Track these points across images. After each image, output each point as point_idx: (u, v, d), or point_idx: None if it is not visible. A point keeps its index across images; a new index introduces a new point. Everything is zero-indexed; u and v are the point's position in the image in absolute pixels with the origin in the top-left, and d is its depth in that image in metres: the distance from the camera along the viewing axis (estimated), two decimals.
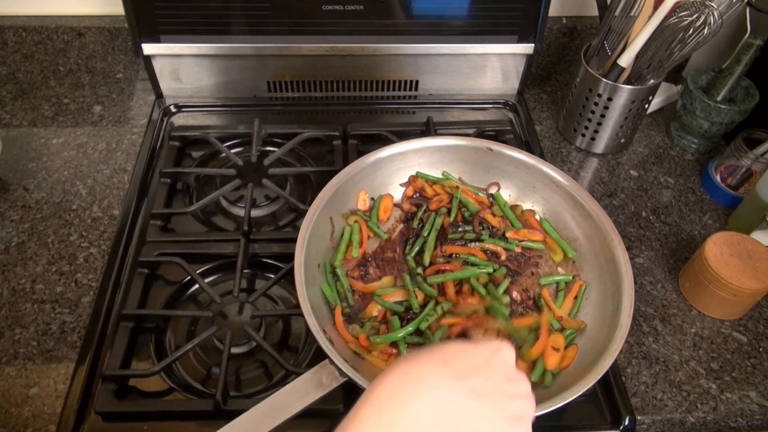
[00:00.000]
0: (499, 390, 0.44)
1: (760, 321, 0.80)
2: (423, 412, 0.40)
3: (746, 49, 0.91)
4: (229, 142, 1.00)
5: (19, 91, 1.08)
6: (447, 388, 0.41)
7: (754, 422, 0.73)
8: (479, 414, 0.42)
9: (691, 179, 0.99)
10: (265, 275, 0.83)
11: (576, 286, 0.77)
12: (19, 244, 0.84)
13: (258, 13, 0.95)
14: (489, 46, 1.03)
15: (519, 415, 0.45)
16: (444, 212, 0.84)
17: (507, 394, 0.45)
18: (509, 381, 0.46)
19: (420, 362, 0.43)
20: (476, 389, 0.42)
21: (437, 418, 0.40)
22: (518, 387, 0.47)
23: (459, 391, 0.41)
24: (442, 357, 0.44)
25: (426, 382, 0.41)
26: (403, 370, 0.42)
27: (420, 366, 0.42)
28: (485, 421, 0.42)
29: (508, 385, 0.45)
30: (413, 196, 0.86)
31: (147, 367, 0.72)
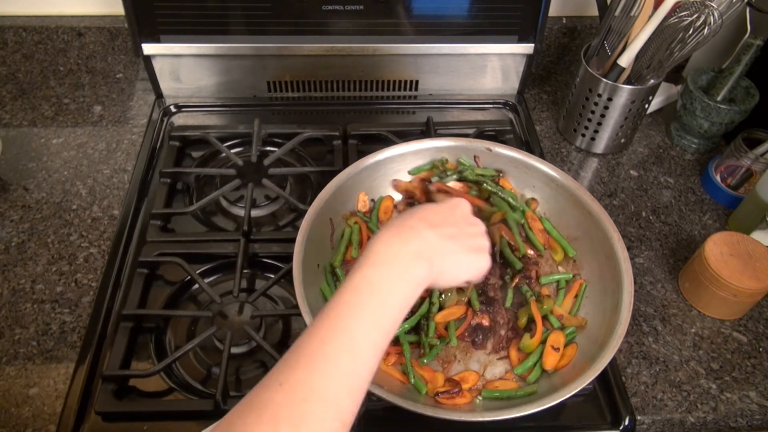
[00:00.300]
0: (463, 231, 0.62)
1: (760, 321, 0.80)
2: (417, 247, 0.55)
3: (746, 49, 0.91)
4: (229, 142, 1.00)
5: (19, 91, 1.08)
6: (429, 234, 0.57)
7: (754, 422, 0.73)
8: (452, 248, 0.59)
9: (691, 179, 0.99)
10: (265, 275, 0.83)
11: (576, 285, 0.77)
12: (19, 244, 0.84)
13: (258, 13, 0.95)
14: (489, 46, 1.03)
15: (479, 246, 0.63)
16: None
17: (468, 234, 0.62)
18: (469, 224, 0.64)
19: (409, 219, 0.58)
20: (448, 233, 0.59)
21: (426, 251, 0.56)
22: (476, 228, 0.65)
23: (437, 236, 0.58)
24: (422, 215, 0.59)
25: (415, 230, 0.57)
26: (399, 223, 0.57)
27: (409, 220, 0.58)
28: (456, 252, 0.59)
29: (469, 227, 0.63)
30: (406, 201, 0.86)
31: (147, 367, 0.72)
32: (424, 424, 0.63)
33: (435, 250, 0.57)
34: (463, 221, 0.64)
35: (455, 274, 0.60)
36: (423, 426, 0.67)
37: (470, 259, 0.61)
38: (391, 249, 0.54)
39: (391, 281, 0.52)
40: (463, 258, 0.60)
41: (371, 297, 0.50)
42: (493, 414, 0.61)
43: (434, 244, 0.57)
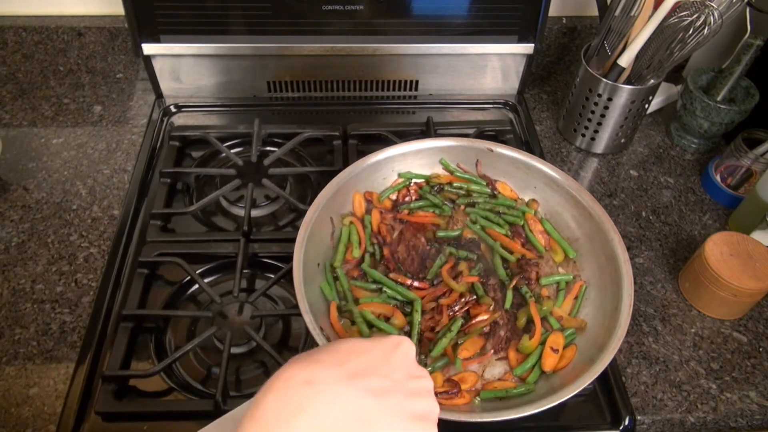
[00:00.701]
0: (400, 387, 0.41)
1: (760, 321, 0.80)
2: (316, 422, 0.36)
3: (746, 49, 0.91)
4: (229, 142, 1.00)
5: (19, 91, 1.08)
6: (341, 390, 0.38)
7: (754, 422, 0.73)
8: (380, 413, 0.39)
9: (691, 179, 0.99)
10: (265, 275, 0.83)
11: (576, 286, 0.77)
12: (19, 244, 0.84)
13: (258, 13, 0.95)
14: (489, 46, 1.03)
15: (423, 413, 0.42)
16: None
17: (409, 392, 0.42)
18: (410, 378, 0.43)
19: (308, 365, 0.39)
20: (374, 388, 0.40)
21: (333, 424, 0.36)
22: (420, 383, 0.44)
23: (355, 391, 0.38)
24: (334, 357, 0.40)
25: (316, 386, 0.37)
26: (288, 376, 0.38)
27: (308, 369, 0.39)
28: (386, 421, 0.39)
29: (410, 382, 0.43)
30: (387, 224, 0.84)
31: (147, 367, 0.72)
32: None
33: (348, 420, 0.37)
34: (402, 369, 0.43)
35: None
36: None
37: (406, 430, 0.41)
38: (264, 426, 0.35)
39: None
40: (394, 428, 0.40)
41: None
42: (492, 415, 0.61)
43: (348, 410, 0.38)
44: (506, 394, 0.67)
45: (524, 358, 0.71)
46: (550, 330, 0.73)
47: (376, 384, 0.40)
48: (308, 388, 0.37)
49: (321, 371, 0.38)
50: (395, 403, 0.40)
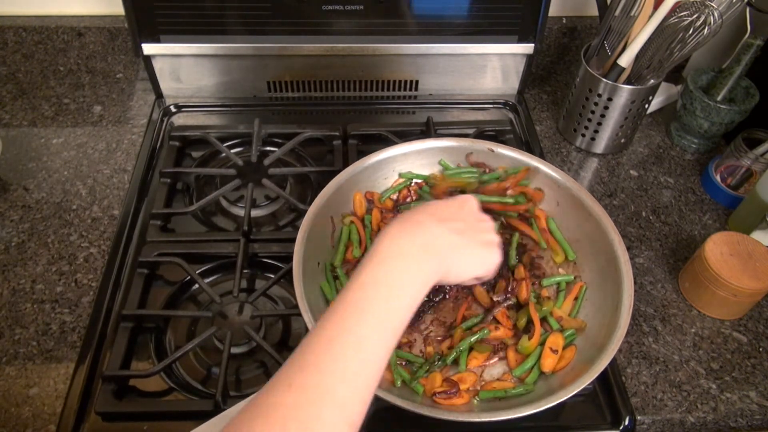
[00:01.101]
0: (471, 226, 0.61)
1: (760, 321, 0.80)
2: (425, 241, 0.54)
3: (746, 49, 0.91)
4: (229, 142, 1.00)
5: (19, 91, 1.08)
6: (438, 228, 0.56)
7: (754, 422, 0.73)
8: (461, 242, 0.58)
9: (691, 179, 0.99)
10: (265, 275, 0.83)
11: (576, 287, 0.77)
12: (19, 244, 0.84)
13: (258, 13, 0.95)
14: (489, 46, 1.03)
15: (488, 241, 0.62)
16: None
17: (477, 229, 0.62)
18: (478, 220, 0.63)
19: (416, 214, 0.57)
20: (456, 228, 0.58)
21: (435, 245, 0.55)
22: (485, 224, 0.64)
23: (446, 230, 0.57)
24: (429, 210, 0.59)
25: (423, 224, 0.56)
26: (406, 218, 0.56)
27: (417, 215, 0.57)
28: (466, 247, 0.59)
29: (477, 223, 0.63)
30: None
31: (147, 367, 0.72)
32: (422, 424, 0.63)
33: (444, 245, 0.56)
34: (472, 217, 0.63)
35: (465, 270, 0.59)
36: (420, 426, 0.67)
37: (480, 254, 0.61)
38: (398, 244, 0.53)
39: (398, 278, 0.50)
40: (473, 253, 0.59)
41: (378, 295, 0.49)
42: (492, 414, 0.61)
43: (443, 238, 0.56)
44: (505, 395, 0.67)
45: (523, 359, 0.71)
46: (550, 331, 0.73)
47: (458, 226, 0.59)
48: (420, 225, 0.56)
49: (425, 217, 0.57)
50: (471, 236, 0.60)
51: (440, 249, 0.55)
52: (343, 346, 0.45)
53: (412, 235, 0.54)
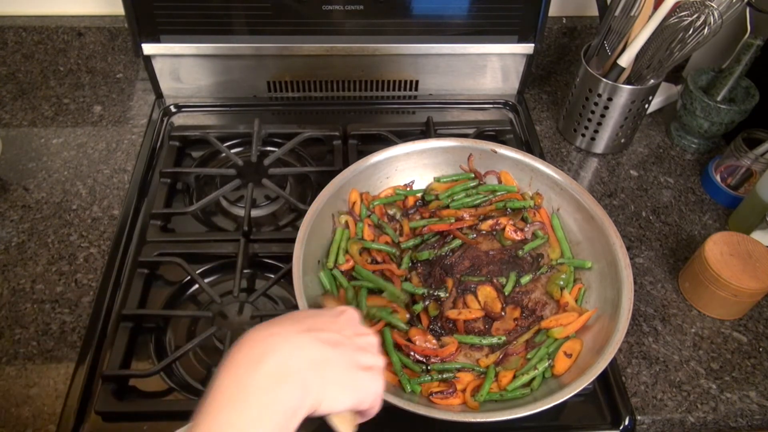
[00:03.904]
0: (349, 342, 0.48)
1: (760, 321, 0.80)
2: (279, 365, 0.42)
3: (746, 49, 0.91)
4: (229, 142, 1.00)
5: (19, 91, 1.08)
6: (301, 339, 0.44)
7: (754, 422, 0.73)
8: (335, 360, 0.45)
9: (691, 179, 0.99)
10: (265, 275, 0.83)
11: (575, 289, 0.77)
12: (19, 244, 0.84)
13: (258, 13, 0.95)
14: (489, 46, 1.03)
15: (371, 365, 0.49)
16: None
17: (357, 346, 0.49)
18: (357, 335, 0.50)
19: (270, 325, 0.46)
20: (329, 339, 0.46)
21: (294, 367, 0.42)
22: (367, 339, 0.51)
23: (312, 341, 0.45)
24: (291, 319, 0.47)
25: (279, 336, 0.44)
26: (254, 332, 0.44)
27: (271, 327, 0.45)
28: (340, 368, 0.45)
29: (358, 339, 0.49)
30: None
31: (147, 367, 0.72)
32: (421, 424, 0.63)
33: (306, 362, 0.43)
34: (350, 329, 0.50)
35: (341, 396, 0.45)
36: (418, 427, 0.67)
37: (356, 378, 0.47)
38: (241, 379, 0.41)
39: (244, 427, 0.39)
40: (350, 374, 0.46)
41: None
42: (492, 415, 0.61)
43: (306, 353, 0.44)
44: (501, 397, 0.66)
45: (513, 376, 0.69)
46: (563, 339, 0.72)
47: (330, 337, 0.47)
48: (273, 338, 0.44)
49: (283, 327, 0.45)
50: (347, 354, 0.47)
51: (300, 370, 0.43)
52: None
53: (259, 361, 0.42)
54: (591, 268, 0.78)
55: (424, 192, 0.87)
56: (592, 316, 0.73)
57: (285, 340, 0.44)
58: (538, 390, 0.67)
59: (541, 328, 0.73)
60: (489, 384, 0.67)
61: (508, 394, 0.66)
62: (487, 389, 0.66)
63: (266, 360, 0.42)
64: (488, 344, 0.72)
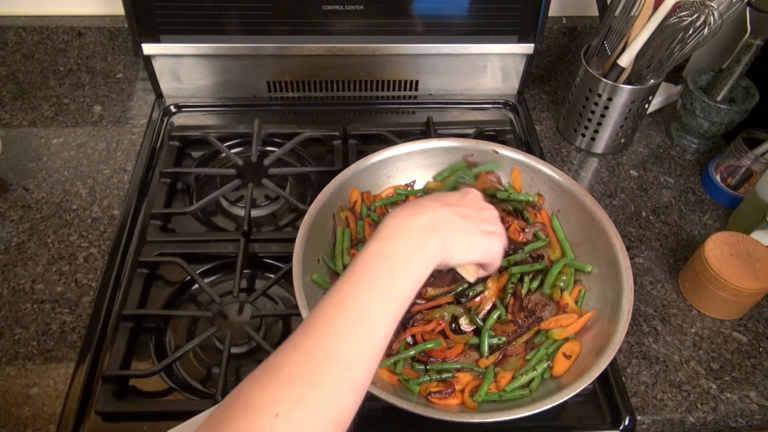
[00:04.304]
0: (476, 214, 0.61)
1: (760, 321, 0.80)
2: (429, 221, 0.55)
3: (746, 49, 0.90)
4: (229, 142, 1.00)
5: (19, 91, 1.08)
6: (442, 210, 0.58)
7: (754, 422, 0.73)
8: (465, 225, 0.59)
9: (691, 179, 0.99)
10: (265, 275, 0.83)
11: (575, 291, 0.77)
12: (19, 244, 0.84)
13: (258, 13, 0.95)
14: (489, 46, 1.03)
15: (492, 231, 0.62)
16: None
17: (481, 217, 0.62)
18: (480, 208, 0.63)
19: (420, 200, 0.59)
20: (461, 212, 0.59)
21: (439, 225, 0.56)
22: (489, 213, 0.64)
23: (450, 212, 0.58)
24: (434, 196, 0.61)
25: (427, 206, 0.57)
26: (410, 203, 0.58)
27: (421, 201, 0.59)
28: (470, 230, 0.59)
29: (481, 211, 0.63)
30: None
31: (147, 367, 0.72)
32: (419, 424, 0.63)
33: (448, 225, 0.57)
34: (475, 204, 0.63)
35: (467, 253, 0.60)
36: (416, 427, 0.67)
37: (483, 240, 0.61)
38: (403, 223, 0.54)
39: (402, 253, 0.52)
40: (476, 237, 0.60)
41: (382, 270, 0.50)
42: (492, 415, 0.61)
43: (447, 219, 0.57)
44: (499, 398, 0.66)
45: (512, 377, 0.69)
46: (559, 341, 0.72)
47: (462, 210, 0.60)
48: (421, 206, 0.57)
49: (428, 201, 0.59)
50: (474, 223, 0.60)
51: (443, 229, 0.56)
52: (347, 312, 0.47)
53: (416, 215, 0.55)
54: (591, 272, 0.78)
55: (423, 192, 0.87)
56: (591, 317, 0.73)
57: (432, 208, 0.57)
58: (537, 391, 0.67)
59: (540, 329, 0.73)
60: (488, 384, 0.67)
61: (506, 394, 0.66)
62: (485, 390, 0.66)
63: (421, 216, 0.55)
64: (488, 345, 0.72)
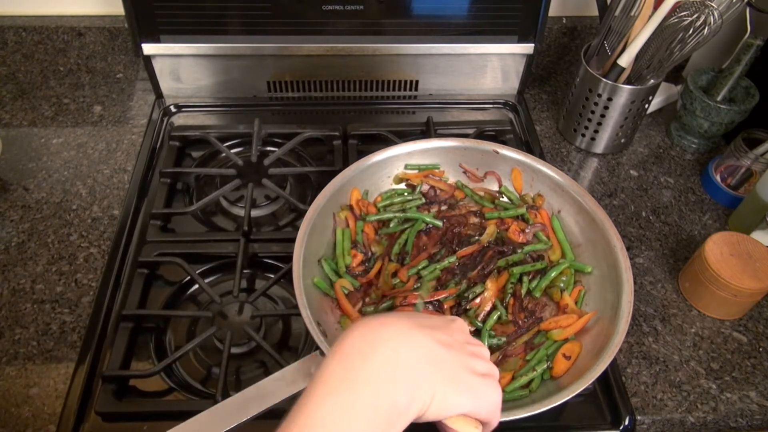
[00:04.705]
0: (461, 347, 0.44)
1: (760, 321, 0.80)
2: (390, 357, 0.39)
3: (746, 49, 0.91)
4: (229, 142, 1.00)
5: (19, 91, 1.08)
6: (414, 333, 0.41)
7: (754, 422, 0.73)
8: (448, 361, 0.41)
9: (691, 179, 0.99)
10: (265, 275, 0.83)
11: (575, 291, 0.77)
12: (19, 244, 0.84)
13: (258, 13, 0.95)
14: (489, 46, 1.03)
15: (486, 372, 0.45)
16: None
17: (470, 352, 0.45)
18: (468, 342, 0.46)
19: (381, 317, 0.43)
20: (442, 340, 0.42)
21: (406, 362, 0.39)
22: (479, 349, 0.47)
23: (425, 337, 0.41)
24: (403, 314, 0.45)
25: (391, 327, 0.41)
26: (365, 321, 0.42)
27: (382, 318, 0.43)
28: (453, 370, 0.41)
29: (469, 346, 0.46)
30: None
31: (147, 367, 0.72)
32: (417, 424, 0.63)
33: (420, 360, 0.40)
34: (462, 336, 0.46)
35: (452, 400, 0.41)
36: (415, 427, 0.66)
37: (476, 383, 0.43)
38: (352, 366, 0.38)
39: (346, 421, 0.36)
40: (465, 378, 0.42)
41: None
42: None
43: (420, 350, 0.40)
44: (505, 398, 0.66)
45: (512, 377, 0.69)
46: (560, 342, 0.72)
47: (443, 338, 0.43)
48: (385, 329, 0.40)
49: (394, 319, 0.42)
50: (460, 357, 0.43)
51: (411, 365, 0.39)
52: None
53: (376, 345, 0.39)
54: (591, 273, 0.77)
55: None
56: (591, 318, 0.73)
57: (397, 332, 0.41)
58: (536, 391, 0.67)
59: (540, 330, 0.73)
60: None
61: (506, 395, 0.66)
62: None
63: (377, 351, 0.39)
64: (488, 345, 0.72)
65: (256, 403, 0.58)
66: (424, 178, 0.86)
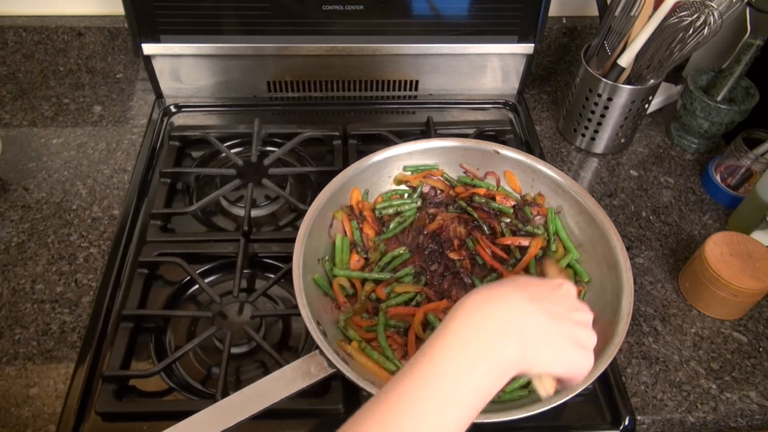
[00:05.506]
0: (567, 316, 0.49)
1: (760, 321, 0.80)
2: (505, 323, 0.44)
3: (746, 49, 0.91)
4: (229, 142, 1.00)
5: (19, 91, 1.08)
6: (526, 306, 0.46)
7: (754, 422, 0.73)
8: (553, 331, 0.47)
9: (691, 179, 0.99)
10: (265, 275, 0.83)
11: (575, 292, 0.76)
12: (19, 244, 0.84)
13: (258, 13, 0.95)
14: (489, 46, 1.03)
15: (584, 342, 0.49)
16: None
17: (574, 321, 0.49)
18: (573, 309, 0.50)
19: (500, 286, 0.48)
20: (550, 311, 0.47)
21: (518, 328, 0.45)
22: (583, 315, 0.51)
23: (535, 310, 0.46)
24: (517, 283, 0.49)
25: (506, 299, 0.46)
26: (486, 291, 0.47)
27: (501, 288, 0.48)
28: (557, 339, 0.47)
29: (574, 313, 0.50)
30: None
31: (147, 367, 0.72)
32: None
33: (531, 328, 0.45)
34: (568, 303, 0.51)
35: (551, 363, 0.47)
36: None
37: (575, 354, 0.48)
38: (472, 324, 0.44)
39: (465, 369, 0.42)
40: (566, 348, 0.47)
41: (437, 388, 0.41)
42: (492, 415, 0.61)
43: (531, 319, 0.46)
44: (498, 399, 0.66)
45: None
46: None
47: (551, 309, 0.47)
48: (501, 300, 0.46)
49: (510, 291, 0.47)
50: (565, 328, 0.48)
51: (525, 333, 0.45)
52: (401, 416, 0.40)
53: (491, 312, 0.45)
54: (589, 282, 0.77)
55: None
56: None
57: (509, 303, 0.46)
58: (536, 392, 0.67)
59: None
60: None
61: (506, 395, 0.66)
62: None
63: (497, 314, 0.45)
64: None
65: (255, 402, 0.58)
66: (423, 179, 0.86)
